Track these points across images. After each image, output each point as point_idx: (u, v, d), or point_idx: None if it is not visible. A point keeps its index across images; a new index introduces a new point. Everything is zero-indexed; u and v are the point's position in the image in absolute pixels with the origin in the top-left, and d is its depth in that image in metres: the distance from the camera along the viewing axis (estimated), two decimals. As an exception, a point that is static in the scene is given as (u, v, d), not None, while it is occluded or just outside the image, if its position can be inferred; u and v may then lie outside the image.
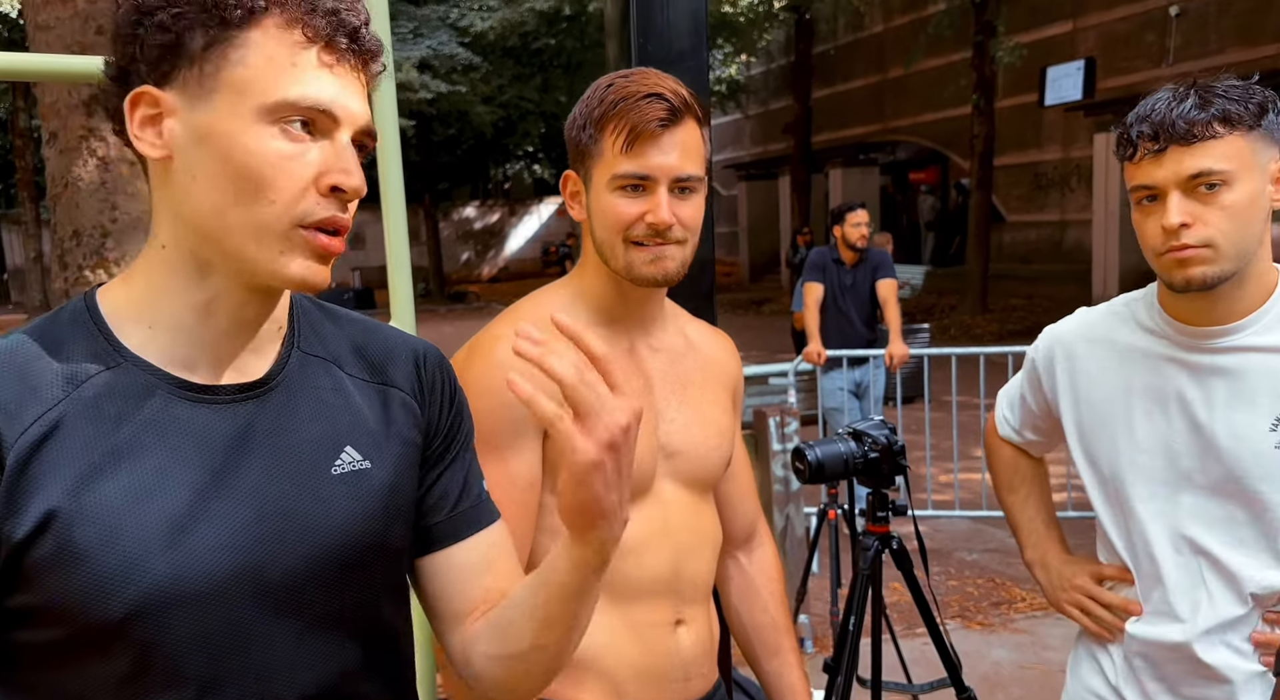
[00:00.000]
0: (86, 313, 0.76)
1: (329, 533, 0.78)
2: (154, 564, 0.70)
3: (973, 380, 5.38)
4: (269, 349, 0.81)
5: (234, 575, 0.73)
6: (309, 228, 0.73)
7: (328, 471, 0.79)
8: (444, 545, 0.89)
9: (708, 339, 1.32)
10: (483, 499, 0.93)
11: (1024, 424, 1.47)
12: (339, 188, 0.73)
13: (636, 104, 1.08)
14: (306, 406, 0.80)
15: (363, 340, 0.88)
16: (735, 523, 1.36)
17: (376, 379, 0.86)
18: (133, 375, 0.74)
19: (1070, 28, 15.63)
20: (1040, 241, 16.94)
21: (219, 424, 0.76)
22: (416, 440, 0.87)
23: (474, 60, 19.44)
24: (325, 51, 0.73)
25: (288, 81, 0.71)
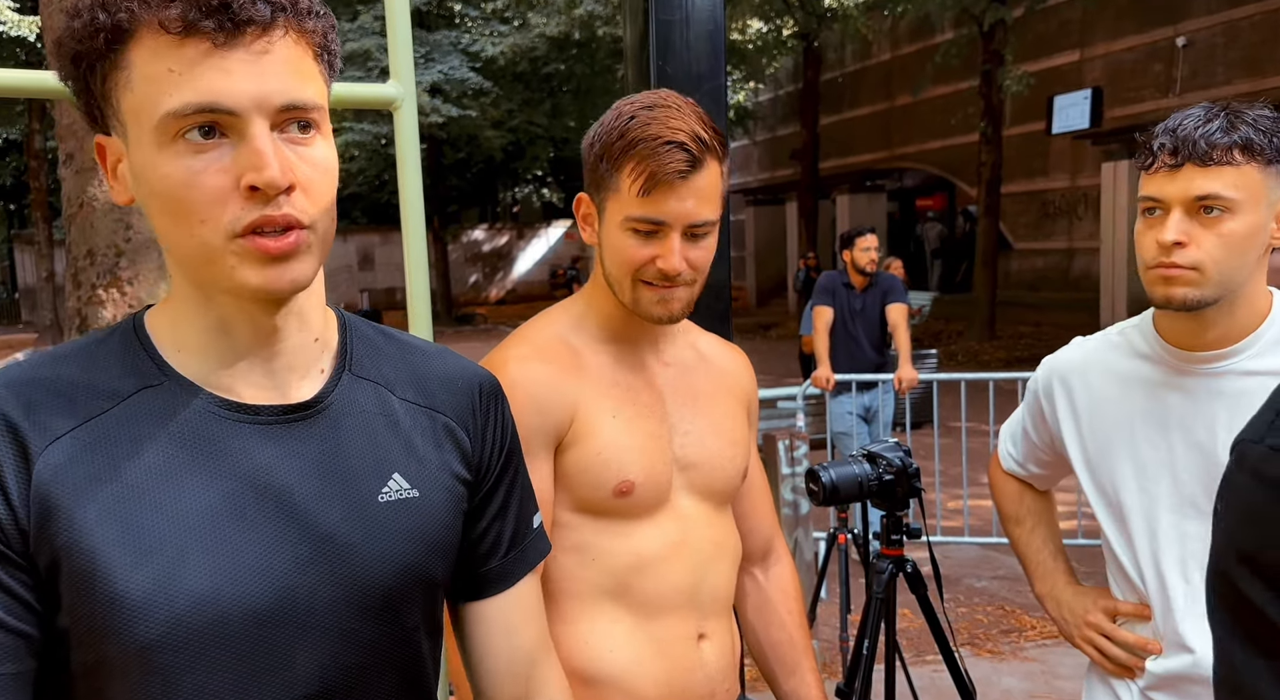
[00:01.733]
0: (134, 331, 0.75)
1: (373, 562, 0.76)
2: (188, 587, 0.68)
3: (981, 406, 5.36)
4: (315, 371, 0.78)
5: (272, 602, 0.71)
6: (245, 235, 0.67)
7: (375, 499, 0.77)
8: (493, 592, 0.88)
9: (720, 352, 1.32)
10: (534, 536, 0.91)
11: (1027, 457, 1.46)
12: (254, 185, 0.66)
13: (657, 150, 1.07)
14: (356, 431, 0.78)
15: (421, 365, 0.86)
16: (752, 538, 1.36)
17: (430, 406, 0.83)
18: (175, 394, 0.73)
19: (1078, 57, 15.73)
20: (1047, 269, 16.94)
21: (263, 445, 0.73)
22: (466, 476, 0.84)
23: (484, 85, 19.64)
24: (193, 39, 0.65)
25: (165, 92, 0.65)
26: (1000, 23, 12.83)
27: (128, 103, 0.67)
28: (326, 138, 0.72)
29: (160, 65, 0.66)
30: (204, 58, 0.65)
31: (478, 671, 0.89)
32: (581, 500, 1.14)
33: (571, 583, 1.15)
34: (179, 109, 0.65)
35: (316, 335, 0.79)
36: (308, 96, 0.69)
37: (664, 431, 1.18)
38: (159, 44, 0.65)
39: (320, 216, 0.71)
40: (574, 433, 1.13)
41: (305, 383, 0.78)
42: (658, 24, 1.38)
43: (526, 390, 1.10)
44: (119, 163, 0.72)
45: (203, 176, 0.66)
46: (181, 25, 0.65)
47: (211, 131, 0.66)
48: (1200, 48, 13.77)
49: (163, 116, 0.66)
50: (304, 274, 0.70)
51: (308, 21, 0.70)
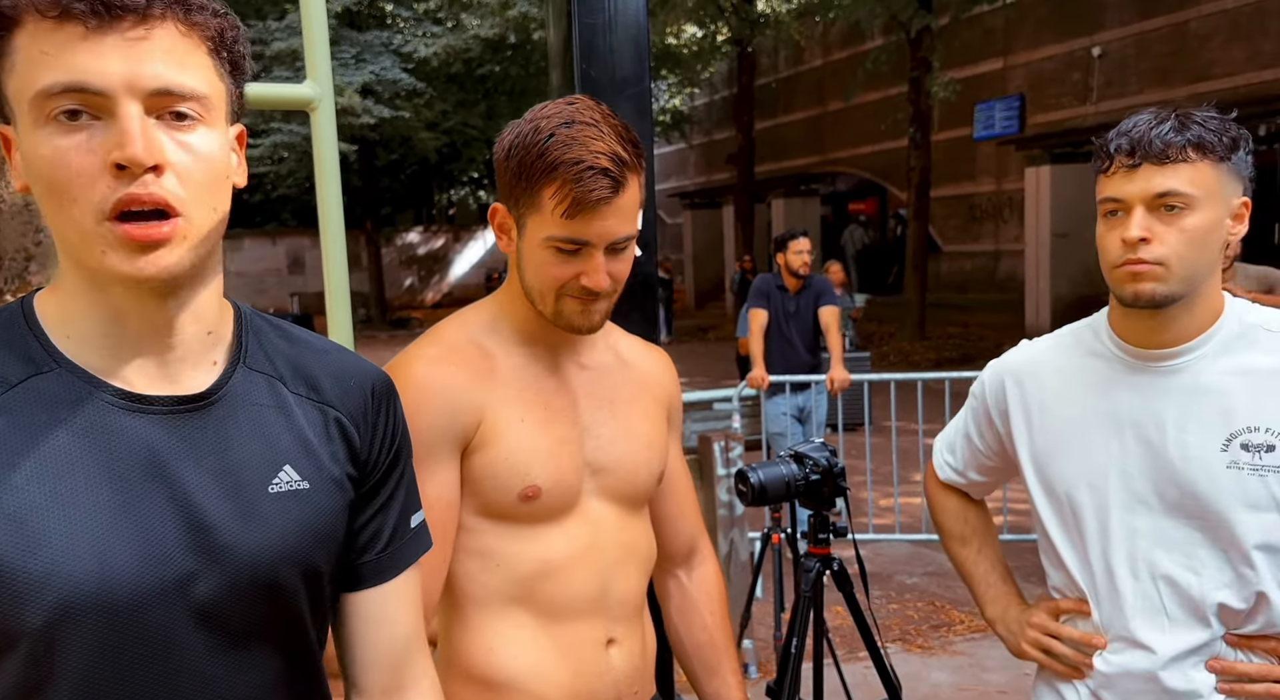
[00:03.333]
0: (22, 316, 0.74)
1: (260, 551, 0.77)
2: (77, 571, 0.68)
3: (910, 406, 5.48)
4: (208, 362, 0.79)
5: (158, 587, 0.71)
6: (113, 220, 0.68)
7: (264, 490, 0.78)
8: (369, 585, 0.89)
9: (640, 354, 1.31)
10: (413, 534, 0.92)
11: (968, 464, 1.47)
12: (120, 164, 0.67)
13: (581, 175, 1.05)
14: (248, 423, 0.79)
15: (314, 361, 0.86)
16: (675, 540, 1.36)
17: (321, 401, 0.85)
18: (66, 381, 0.72)
19: (1001, 65, 16.22)
20: (975, 271, 17.42)
21: (154, 435, 0.74)
22: (352, 471, 0.85)
23: (417, 86, 19.40)
24: (69, 23, 0.66)
25: (38, 73, 0.67)
26: (926, 29, 13.14)
27: (12, 87, 0.69)
28: (214, 130, 0.73)
29: (36, 48, 0.67)
30: (77, 40, 0.67)
31: (350, 660, 0.90)
32: (487, 504, 1.13)
33: (475, 588, 1.14)
34: (48, 87, 0.67)
35: (210, 328, 0.79)
36: (185, 84, 0.70)
37: (575, 435, 1.18)
38: (38, 28, 0.67)
39: (194, 204, 0.71)
40: (481, 436, 1.11)
41: (198, 374, 0.78)
42: (581, 27, 1.38)
43: (434, 392, 1.09)
44: (16, 151, 0.72)
45: (70, 155, 0.67)
46: (57, 10, 0.66)
47: (79, 114, 0.67)
48: (1114, 58, 14.32)
49: (34, 95, 0.67)
50: (176, 263, 0.70)
51: (195, 15, 0.71)
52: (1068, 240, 13.32)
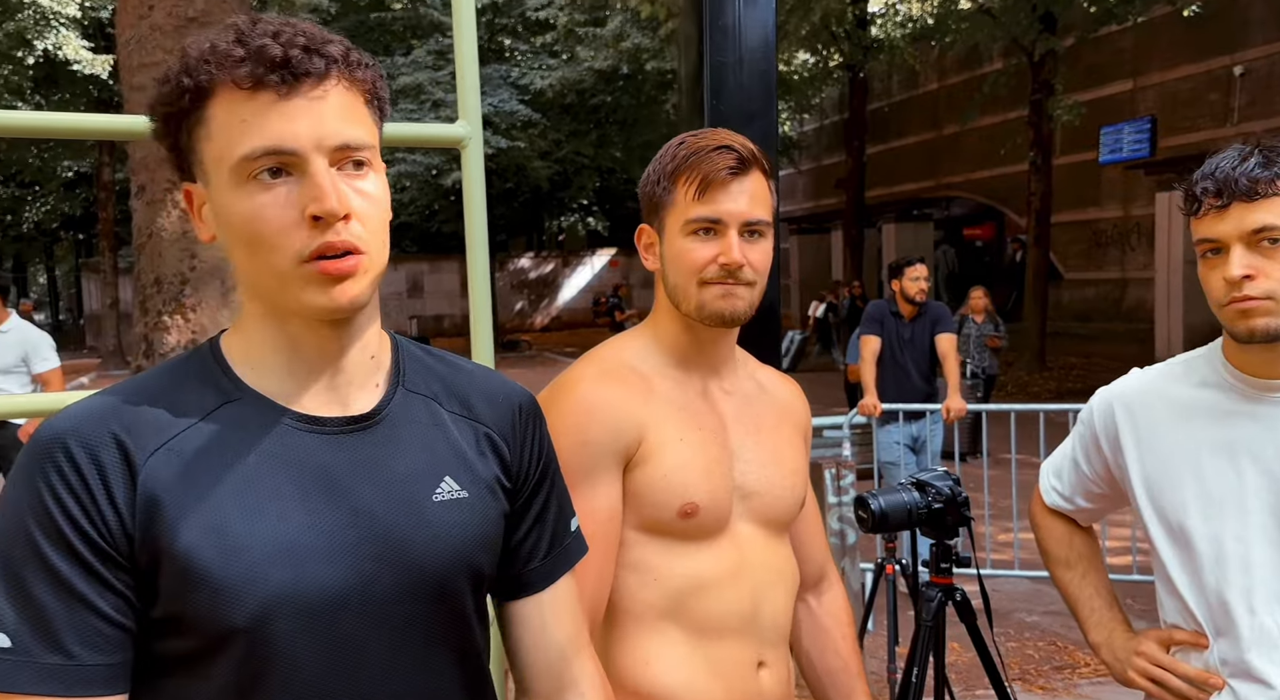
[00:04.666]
0: (211, 354, 0.85)
1: (430, 555, 0.84)
2: (272, 576, 0.76)
3: (1031, 438, 5.28)
4: (371, 385, 0.87)
5: (343, 590, 0.79)
6: (310, 261, 0.76)
7: (429, 499, 0.85)
8: (530, 593, 0.96)
9: (777, 383, 1.36)
10: (572, 540, 0.99)
11: (1075, 490, 1.45)
12: (317, 215, 0.76)
13: (708, 155, 1.17)
14: (410, 439, 0.87)
15: (465, 382, 0.94)
16: (805, 565, 1.38)
17: (473, 418, 0.92)
18: (251, 407, 0.81)
19: (1131, 86, 15.55)
20: (1099, 299, 16.64)
21: (329, 453, 0.82)
22: (506, 482, 0.93)
23: (533, 116, 19.98)
24: (262, 92, 0.75)
25: (239, 140, 0.75)
26: (1050, 52, 12.74)
27: (209, 152, 0.78)
28: (379, 173, 0.83)
29: (234, 117, 0.76)
30: (270, 107, 0.75)
31: (517, 666, 0.97)
32: (645, 520, 1.18)
33: (631, 602, 1.18)
34: (250, 153, 0.75)
35: (373, 353, 0.88)
36: (360, 137, 0.79)
37: (725, 457, 1.22)
38: (233, 99, 0.76)
39: (373, 242, 0.80)
40: (642, 452, 1.17)
41: (363, 396, 0.86)
42: (712, 65, 1.44)
43: (598, 408, 1.16)
44: (203, 206, 0.82)
45: (269, 209, 0.76)
46: (251, 81, 0.75)
47: (279, 172, 0.76)
48: (1258, 76, 13.53)
49: (238, 160, 0.76)
50: (361, 293, 0.79)
51: (358, 72, 0.80)
52: (1203, 268, 12.58)
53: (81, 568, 0.73)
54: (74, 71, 16.26)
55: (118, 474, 0.74)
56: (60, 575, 0.72)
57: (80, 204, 24.03)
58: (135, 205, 4.19)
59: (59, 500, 0.73)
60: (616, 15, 16.83)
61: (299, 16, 0.80)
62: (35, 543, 0.72)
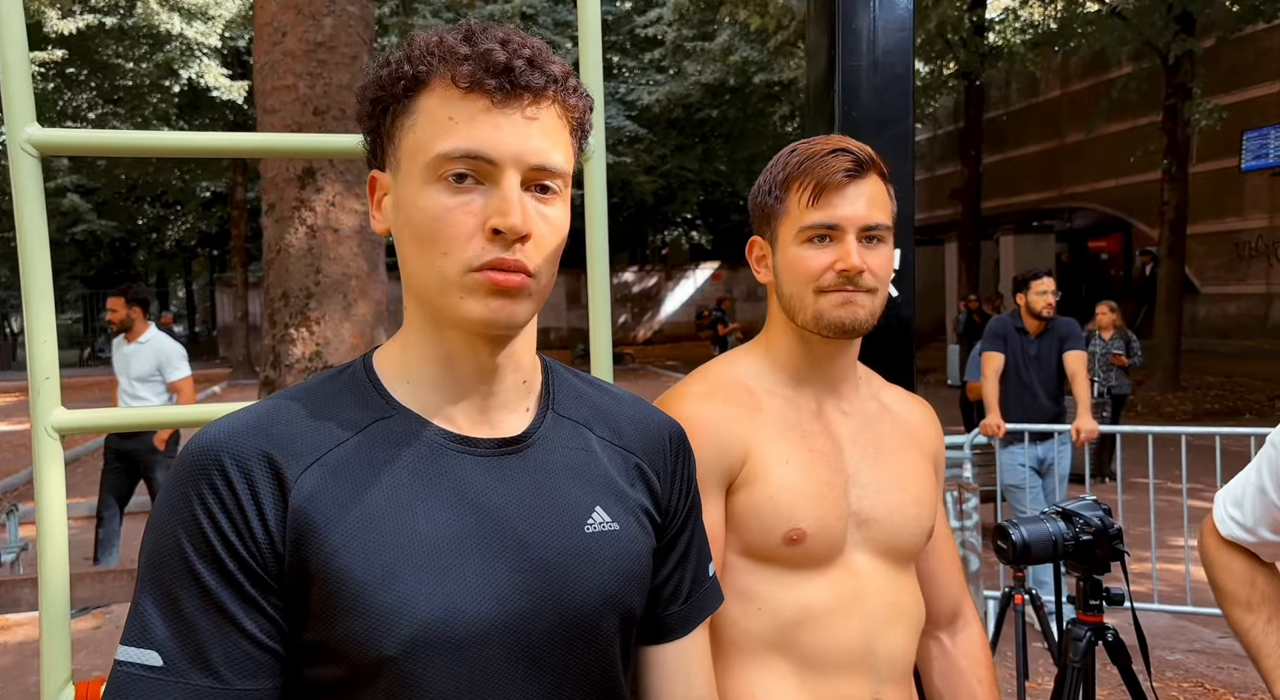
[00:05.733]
0: (363, 370, 0.82)
1: (585, 591, 0.79)
2: (425, 605, 0.72)
3: (1168, 462, 4.93)
4: (522, 408, 0.84)
5: (496, 624, 0.74)
6: (479, 271, 0.74)
7: (581, 529, 0.80)
8: (671, 638, 0.90)
9: (904, 404, 1.28)
10: (710, 585, 0.93)
11: (1260, 521, 1.30)
12: (498, 229, 0.73)
13: (822, 160, 1.11)
14: (562, 465, 0.83)
15: (615, 409, 0.90)
16: (938, 600, 1.29)
17: (624, 446, 0.88)
18: (403, 425, 0.78)
19: (1277, 88, 14.53)
20: (1241, 315, 15.55)
21: (481, 475, 0.78)
22: (656, 516, 0.88)
23: (639, 132, 20.15)
24: (476, 95, 0.74)
25: (442, 136, 0.74)
26: (1188, 54, 12.03)
27: (408, 142, 0.76)
28: (564, 202, 0.80)
29: (443, 113, 0.74)
30: (481, 112, 0.74)
31: None
32: (750, 545, 1.12)
33: (737, 632, 1.12)
34: (449, 151, 0.74)
35: (525, 377, 0.85)
36: (558, 162, 0.77)
37: (840, 481, 1.15)
38: (447, 95, 0.75)
39: (544, 268, 0.77)
40: (746, 474, 1.11)
41: (514, 419, 0.83)
42: (844, 69, 1.37)
43: (702, 426, 1.11)
44: (385, 196, 0.81)
45: (455, 213, 0.74)
46: (469, 81, 0.74)
47: (467, 178, 0.74)
48: None
49: (434, 157, 0.74)
50: (522, 314, 0.76)
51: (572, 98, 0.79)
52: (1362, 281, 11.61)
53: (231, 587, 0.71)
54: (213, 97, 17.32)
55: (269, 491, 0.72)
56: (211, 593, 0.70)
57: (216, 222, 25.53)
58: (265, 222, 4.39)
59: (211, 515, 0.71)
60: (725, 29, 16.80)
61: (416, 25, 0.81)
62: (187, 558, 0.71)
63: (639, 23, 19.84)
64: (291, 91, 4.15)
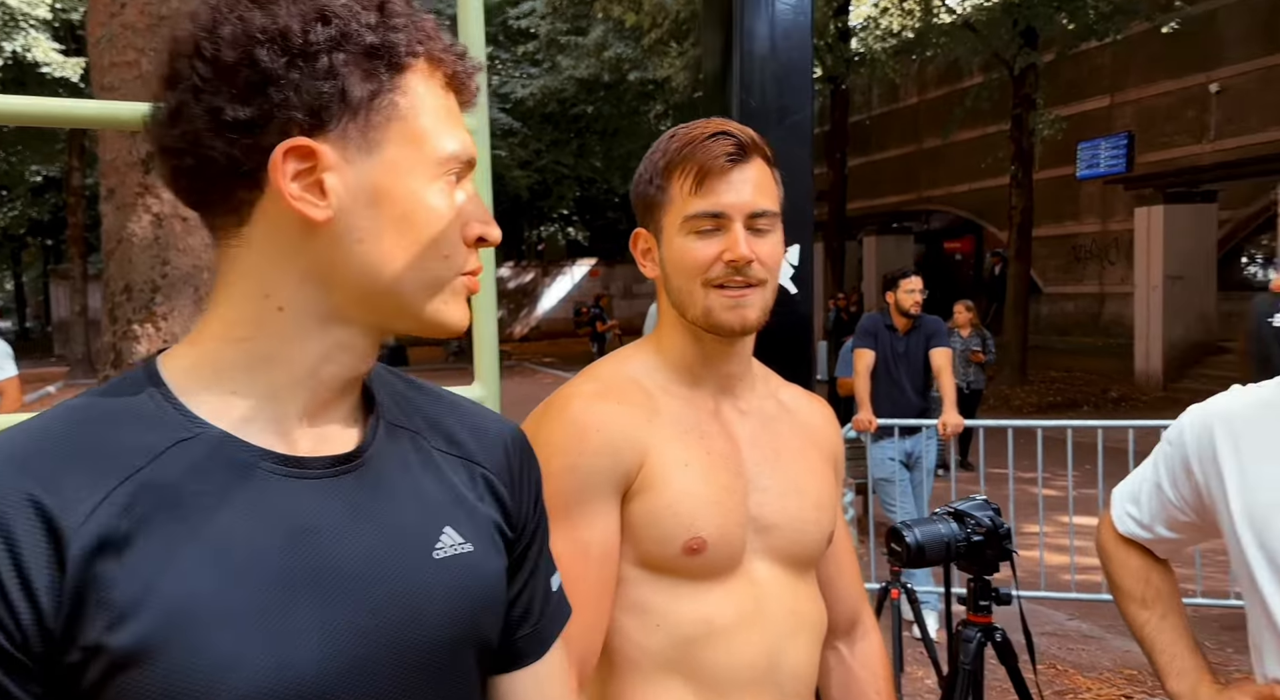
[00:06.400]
0: (150, 381, 0.66)
1: (436, 626, 0.69)
2: (252, 665, 0.60)
3: (1019, 454, 5.19)
4: (352, 418, 0.72)
5: (341, 672, 0.64)
6: (466, 275, 0.71)
7: (430, 555, 0.70)
8: (524, 664, 0.80)
9: (803, 404, 1.22)
10: (557, 600, 0.84)
11: (1157, 518, 1.32)
12: (484, 238, 0.70)
13: (703, 144, 1.05)
14: (402, 482, 0.71)
15: (450, 415, 0.79)
16: (837, 609, 1.24)
17: (466, 457, 0.77)
18: (213, 447, 0.64)
19: (1108, 102, 15.69)
20: (1078, 314, 16.74)
21: (314, 501, 0.66)
22: (508, 532, 0.78)
23: (513, 125, 19.88)
24: (461, 95, 0.71)
25: (448, 132, 0.69)
26: (1031, 67, 12.81)
27: (410, 127, 0.68)
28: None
29: (442, 105, 0.70)
30: (458, 111, 0.72)
31: None
32: (647, 555, 1.04)
33: (632, 649, 1.05)
34: (459, 153, 0.70)
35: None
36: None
37: (740, 486, 1.08)
38: (436, 83, 0.70)
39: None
40: (643, 479, 1.03)
41: (345, 431, 0.71)
42: (743, 55, 1.31)
43: (595, 428, 1.02)
44: (318, 173, 0.65)
45: (454, 217, 0.70)
46: (460, 79, 0.71)
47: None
48: (1234, 94, 13.68)
49: (448, 154, 0.69)
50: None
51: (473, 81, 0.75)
52: (1183, 283, 12.67)
53: None
54: (43, 74, 15.93)
55: (35, 550, 0.56)
56: None
57: (49, 209, 23.56)
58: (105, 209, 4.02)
59: None
60: (599, 24, 16.75)
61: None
62: None
63: (511, 14, 19.54)
64: (133, 68, 3.81)
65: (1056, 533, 5.59)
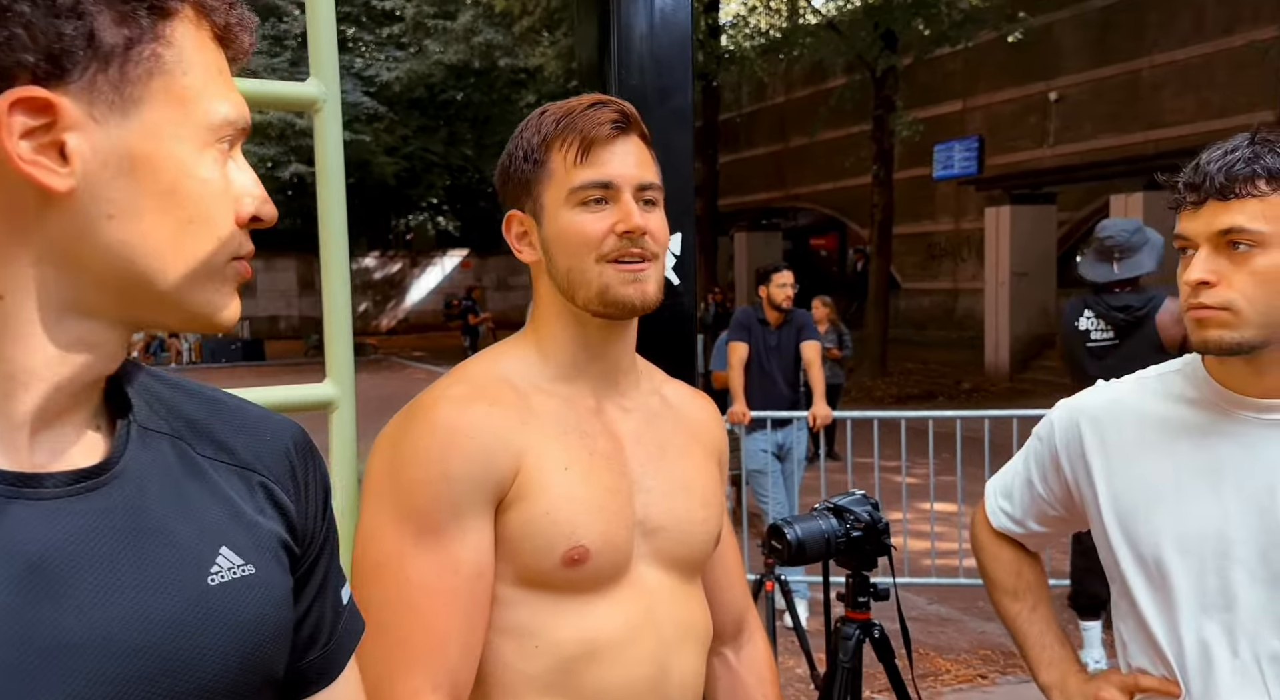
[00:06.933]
0: None
1: (213, 666, 0.58)
2: None
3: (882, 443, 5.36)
4: (97, 425, 0.60)
5: None
6: (237, 259, 0.61)
7: (204, 582, 0.59)
8: (316, 689, 0.70)
9: (687, 400, 1.16)
10: (349, 614, 0.74)
11: (1028, 513, 1.33)
12: (258, 217, 0.62)
13: (584, 113, 0.99)
14: (163, 498, 0.60)
15: (217, 415, 0.68)
16: (722, 612, 1.19)
17: (240, 464, 0.66)
18: None
19: (961, 107, 16.54)
20: (933, 308, 17.61)
21: (53, 527, 0.54)
22: (293, 546, 0.67)
23: (379, 110, 19.21)
24: (231, 51, 0.62)
25: (220, 93, 0.60)
26: (891, 70, 13.33)
27: (177, 84, 0.58)
28: None
29: (214, 63, 0.61)
30: (227, 69, 0.64)
31: None
32: (524, 571, 0.96)
33: (512, 677, 0.96)
34: (235, 119, 0.62)
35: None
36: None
37: (624, 487, 1.01)
38: (203, 36, 0.61)
39: None
40: (519, 487, 0.95)
41: (84, 439, 0.59)
42: (621, 30, 1.23)
43: (465, 434, 0.93)
44: (57, 133, 0.53)
45: (225, 191, 0.62)
46: (232, 33, 0.63)
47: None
48: (1070, 103, 14.68)
49: (222, 119, 0.60)
50: None
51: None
52: (1027, 280, 13.51)
53: None
54: None
55: None
56: None
57: None
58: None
59: None
60: (468, 9, 16.36)
61: None
62: None
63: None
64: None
65: (918, 519, 5.82)
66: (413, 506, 0.90)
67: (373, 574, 0.92)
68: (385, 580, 0.91)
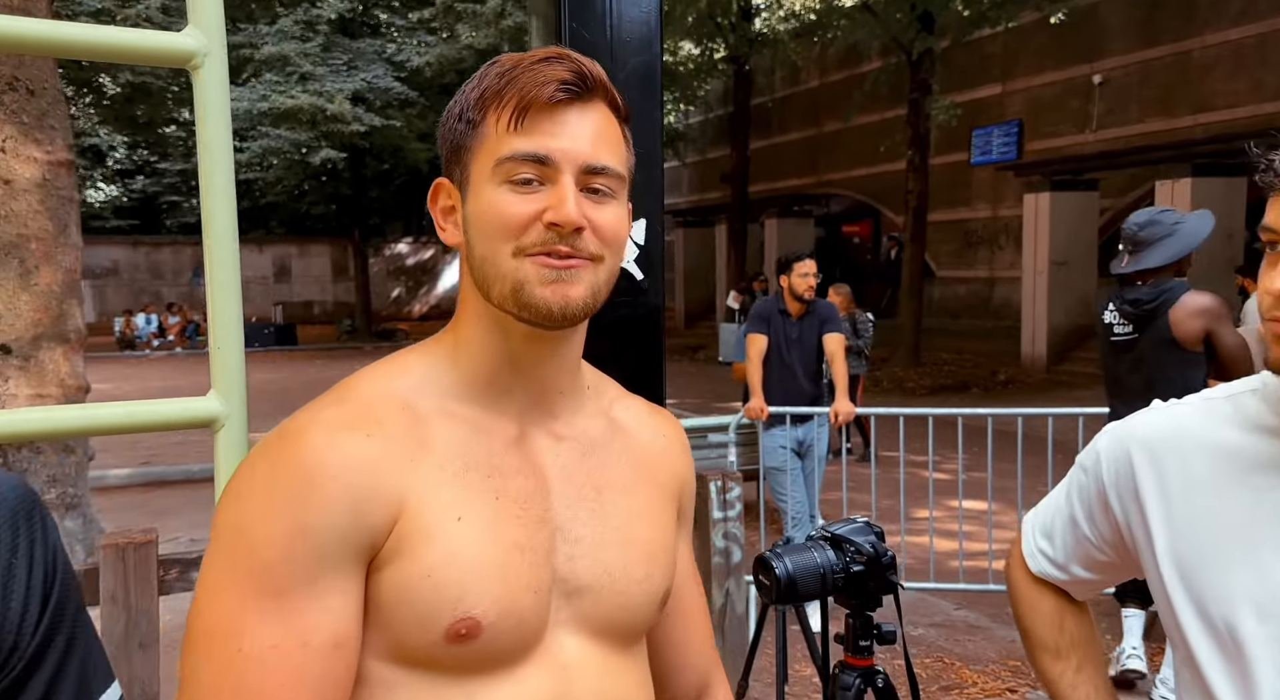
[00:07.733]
0: None
1: None
2: None
3: (910, 437, 5.12)
4: None
5: None
6: None
7: None
8: None
9: (644, 422, 0.94)
10: None
11: (1073, 557, 1.11)
12: None
13: (531, 68, 0.78)
14: None
15: None
16: (680, 675, 0.99)
17: None
18: None
19: (1000, 90, 16.05)
20: (969, 297, 17.18)
21: None
22: None
23: (410, 95, 19.13)
24: None
25: None
26: (928, 52, 12.95)
27: None
28: None
29: None
30: None
31: None
32: (400, 645, 0.75)
33: None
34: None
35: None
36: None
37: (541, 539, 0.80)
38: None
39: None
40: (395, 541, 0.74)
41: None
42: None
43: (330, 474, 0.72)
44: None
45: None
46: None
47: None
48: (1115, 86, 14.16)
49: None
50: None
51: None
52: (1066, 268, 13.10)
53: None
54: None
55: None
56: None
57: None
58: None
59: None
60: (498, -8, 16.18)
61: None
62: None
63: (407, -22, 18.74)
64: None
65: (945, 517, 5.57)
66: (257, 561, 0.71)
67: (202, 642, 0.72)
68: (214, 652, 0.71)
